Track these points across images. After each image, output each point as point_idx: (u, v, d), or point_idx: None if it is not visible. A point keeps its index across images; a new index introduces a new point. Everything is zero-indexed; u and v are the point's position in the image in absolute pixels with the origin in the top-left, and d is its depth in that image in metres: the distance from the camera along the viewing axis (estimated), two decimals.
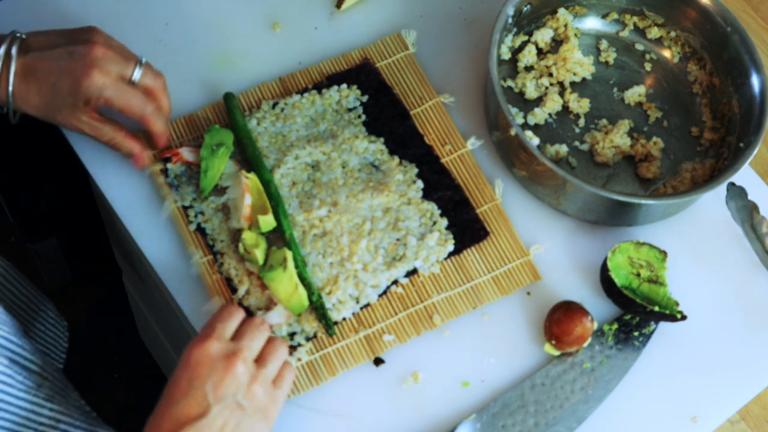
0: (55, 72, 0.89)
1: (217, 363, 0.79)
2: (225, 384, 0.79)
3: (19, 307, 1.07)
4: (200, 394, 0.78)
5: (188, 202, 0.96)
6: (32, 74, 0.89)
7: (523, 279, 0.99)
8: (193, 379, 0.78)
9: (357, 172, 1.00)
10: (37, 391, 0.89)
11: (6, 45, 0.88)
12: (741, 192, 1.03)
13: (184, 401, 0.78)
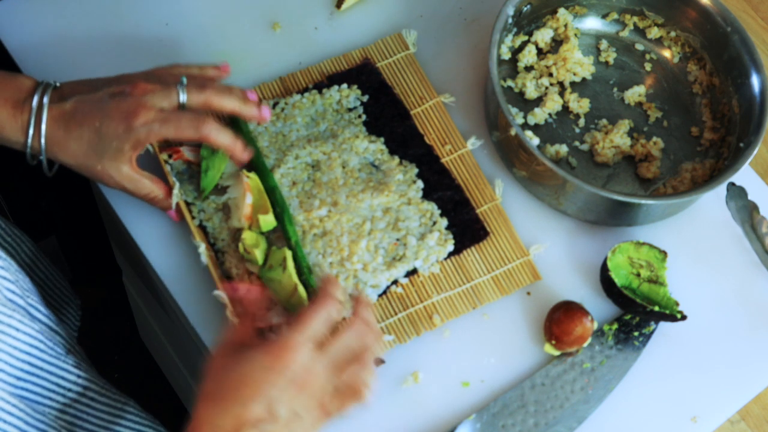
0: (98, 116, 0.86)
1: (300, 376, 0.76)
2: (301, 403, 0.76)
3: (40, 278, 1.08)
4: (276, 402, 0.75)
5: (191, 198, 0.96)
6: (72, 119, 0.86)
7: (523, 279, 0.99)
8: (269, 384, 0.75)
9: (357, 171, 1.00)
10: (66, 357, 0.90)
11: (39, 94, 0.86)
12: (741, 192, 1.03)
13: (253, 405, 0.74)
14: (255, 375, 0.75)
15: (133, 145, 0.87)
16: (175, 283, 0.95)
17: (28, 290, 0.91)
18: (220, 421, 0.75)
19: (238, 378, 0.76)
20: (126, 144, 0.87)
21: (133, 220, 0.97)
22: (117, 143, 0.86)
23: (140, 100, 0.86)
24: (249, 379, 0.75)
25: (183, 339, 1.22)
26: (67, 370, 0.90)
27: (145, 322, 1.54)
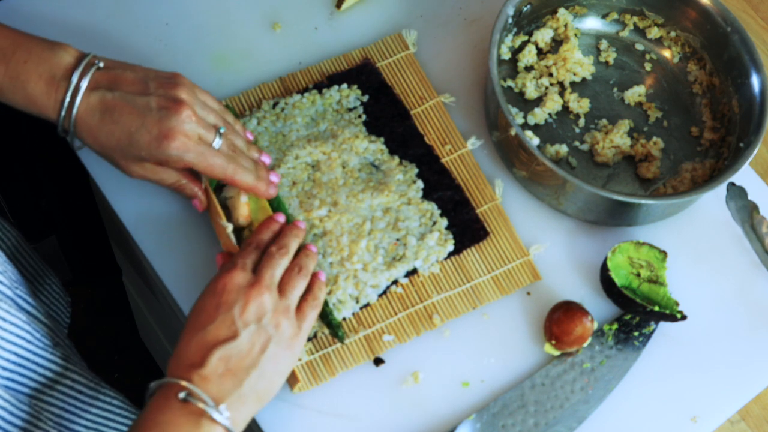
0: (137, 123, 0.85)
1: (242, 290, 0.82)
2: (251, 309, 0.81)
3: (29, 273, 1.08)
4: (229, 319, 0.80)
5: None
6: (110, 115, 0.85)
7: (523, 279, 0.99)
8: (220, 305, 0.81)
9: (357, 172, 1.00)
10: (54, 349, 0.90)
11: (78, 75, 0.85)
12: (741, 192, 1.03)
13: (213, 326, 0.80)
14: (204, 304, 0.81)
15: (159, 161, 0.87)
16: (175, 283, 0.95)
17: (17, 281, 0.91)
18: (186, 354, 0.79)
19: (193, 314, 0.82)
20: (152, 158, 0.87)
21: (133, 220, 0.97)
22: (145, 153, 0.86)
23: (182, 125, 0.86)
24: (200, 310, 0.81)
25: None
26: (55, 362, 0.90)
27: (145, 322, 1.54)
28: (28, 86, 0.85)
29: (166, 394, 0.77)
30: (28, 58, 0.85)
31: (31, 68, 0.85)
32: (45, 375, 0.90)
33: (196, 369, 0.78)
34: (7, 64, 0.84)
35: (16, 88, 0.85)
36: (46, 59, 0.85)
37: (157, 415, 0.76)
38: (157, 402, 0.77)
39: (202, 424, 0.76)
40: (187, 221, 0.97)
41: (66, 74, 0.85)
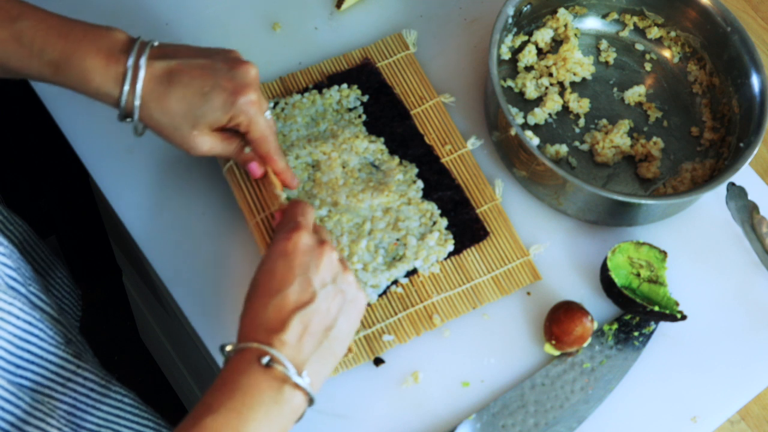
0: (209, 82, 0.85)
1: (313, 250, 0.81)
2: (325, 270, 0.81)
3: (41, 266, 1.08)
4: (305, 281, 0.79)
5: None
6: (179, 78, 0.85)
7: (523, 279, 0.99)
8: (294, 267, 0.79)
9: (357, 171, 1.00)
10: (66, 347, 0.90)
11: (137, 49, 0.84)
12: (741, 192, 1.03)
13: (290, 289, 0.78)
14: (276, 266, 0.80)
15: (232, 117, 0.87)
16: (175, 283, 0.95)
17: (30, 278, 0.91)
18: (264, 319, 0.78)
19: (263, 277, 0.80)
20: (226, 116, 0.86)
21: (133, 220, 0.97)
22: (220, 113, 0.86)
23: (254, 81, 0.87)
24: (272, 272, 0.79)
25: (183, 339, 1.22)
26: (68, 360, 0.90)
27: (145, 322, 1.54)
28: (86, 61, 0.83)
29: (248, 358, 0.76)
30: (84, 36, 0.84)
31: (89, 44, 0.84)
32: (58, 373, 0.89)
33: (277, 334, 0.77)
34: (65, 39, 0.83)
35: (74, 63, 0.83)
36: (103, 36, 0.85)
37: (239, 378, 0.75)
38: (238, 365, 0.76)
39: (283, 390, 0.76)
40: (188, 221, 0.97)
41: (124, 48, 0.85)
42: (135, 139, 1.00)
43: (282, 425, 0.77)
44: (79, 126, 1.00)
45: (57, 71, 0.84)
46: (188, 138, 0.87)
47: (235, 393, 0.75)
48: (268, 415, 0.75)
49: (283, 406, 0.76)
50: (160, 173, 0.99)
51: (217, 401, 0.75)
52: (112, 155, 0.99)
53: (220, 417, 0.74)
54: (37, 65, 0.84)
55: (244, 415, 0.74)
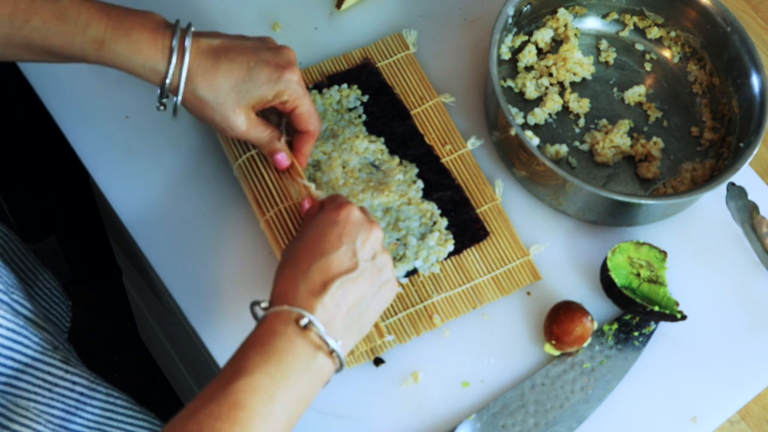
0: (253, 58, 0.87)
1: (362, 224, 0.82)
2: (370, 245, 0.82)
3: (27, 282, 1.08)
4: (351, 250, 0.80)
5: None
6: (223, 54, 0.86)
7: (523, 279, 0.99)
8: (343, 235, 0.80)
9: (357, 171, 1.00)
10: (53, 353, 0.90)
11: (179, 28, 0.85)
12: (741, 192, 1.03)
13: (336, 254, 0.79)
14: (325, 231, 0.80)
15: (276, 94, 0.88)
16: (175, 283, 0.95)
17: (13, 286, 0.91)
18: (306, 279, 0.78)
19: (312, 239, 0.80)
20: (272, 92, 0.88)
21: (133, 220, 0.97)
22: (265, 88, 0.87)
23: (295, 60, 0.89)
24: (320, 236, 0.80)
25: (183, 339, 1.22)
26: (54, 365, 0.90)
27: (145, 322, 1.54)
28: (133, 33, 0.84)
29: (285, 318, 0.76)
30: (126, 14, 0.85)
31: (133, 20, 0.84)
32: (44, 378, 0.89)
33: (317, 297, 0.77)
34: (108, 16, 0.84)
35: (120, 36, 0.83)
36: (144, 14, 0.86)
37: (275, 341, 0.75)
38: (273, 326, 0.76)
39: (317, 357, 0.76)
40: (188, 221, 0.97)
41: (167, 25, 0.86)
42: (135, 139, 1.00)
43: (310, 392, 0.77)
44: (79, 126, 1.00)
45: (101, 47, 0.84)
46: (229, 115, 0.87)
47: (270, 356, 0.74)
48: (299, 381, 0.75)
49: (314, 373, 0.76)
50: (160, 173, 0.99)
51: (250, 363, 0.74)
52: (112, 155, 0.99)
53: (254, 380, 0.73)
54: (80, 42, 0.84)
55: (278, 380, 0.74)
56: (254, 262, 0.96)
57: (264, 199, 0.93)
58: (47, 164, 1.46)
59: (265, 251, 0.97)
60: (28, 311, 0.90)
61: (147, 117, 1.01)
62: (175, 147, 1.00)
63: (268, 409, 0.72)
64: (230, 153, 0.96)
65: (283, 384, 0.74)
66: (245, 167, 0.94)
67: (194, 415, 0.71)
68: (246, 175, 0.94)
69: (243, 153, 0.95)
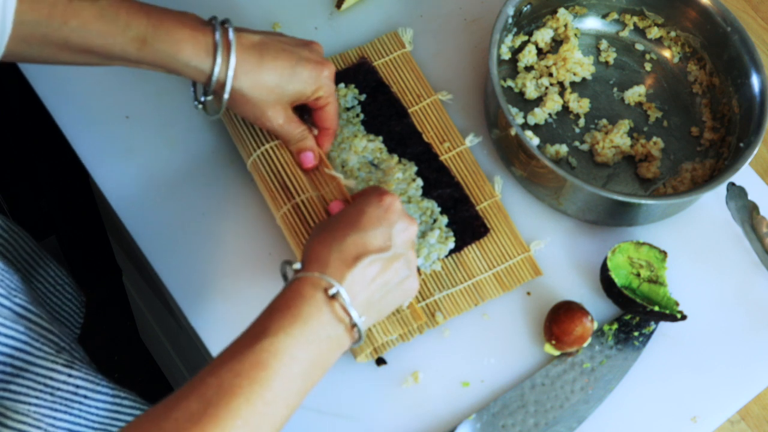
0: (294, 56, 0.89)
1: (403, 216, 0.83)
2: (406, 236, 0.83)
3: (37, 279, 1.07)
4: (387, 233, 0.81)
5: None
6: (266, 51, 0.87)
7: (524, 275, 0.98)
8: (383, 218, 0.81)
9: (356, 171, 1.00)
10: (56, 357, 0.90)
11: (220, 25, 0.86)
12: (741, 192, 1.03)
13: (373, 232, 0.80)
14: (367, 209, 0.82)
15: (315, 91, 0.90)
16: (175, 283, 0.95)
17: (16, 288, 0.90)
18: (340, 248, 0.79)
19: (352, 214, 0.82)
20: (311, 88, 0.90)
21: (133, 220, 0.97)
22: (306, 86, 0.89)
23: (328, 61, 0.92)
24: (362, 212, 0.82)
25: (183, 339, 1.22)
26: (56, 370, 0.89)
27: (145, 322, 1.54)
28: (174, 32, 0.84)
29: (315, 284, 0.77)
30: (164, 13, 0.85)
31: (173, 18, 0.85)
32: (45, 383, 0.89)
33: (349, 268, 0.78)
34: (148, 15, 0.84)
35: (162, 35, 0.84)
36: (182, 13, 0.86)
37: (302, 305, 0.76)
38: (302, 290, 0.77)
39: (339, 327, 0.77)
40: (188, 221, 0.97)
41: (205, 23, 0.86)
42: (135, 139, 1.00)
43: (328, 360, 0.77)
44: (79, 126, 1.00)
45: (143, 46, 0.84)
46: (268, 110, 0.89)
47: (296, 319, 0.75)
48: (320, 347, 0.76)
49: (334, 342, 0.77)
50: (160, 173, 0.99)
51: (275, 324, 0.74)
52: (112, 155, 0.99)
53: (277, 341, 0.73)
54: (121, 42, 0.84)
55: (301, 344, 0.74)
56: (254, 262, 0.96)
57: (280, 192, 0.93)
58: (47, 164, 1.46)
59: (265, 252, 0.97)
60: (32, 314, 0.90)
61: (147, 117, 1.01)
62: (175, 147, 1.00)
63: (287, 371, 0.73)
64: (244, 148, 0.96)
65: (305, 348, 0.74)
66: (260, 161, 0.95)
67: (216, 370, 0.72)
68: (261, 169, 0.94)
69: (257, 147, 0.95)
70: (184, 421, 0.68)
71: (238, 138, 0.97)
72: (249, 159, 0.96)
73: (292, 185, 0.93)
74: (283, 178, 0.94)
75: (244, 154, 0.97)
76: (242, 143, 0.96)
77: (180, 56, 0.85)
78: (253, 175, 0.96)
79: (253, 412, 0.71)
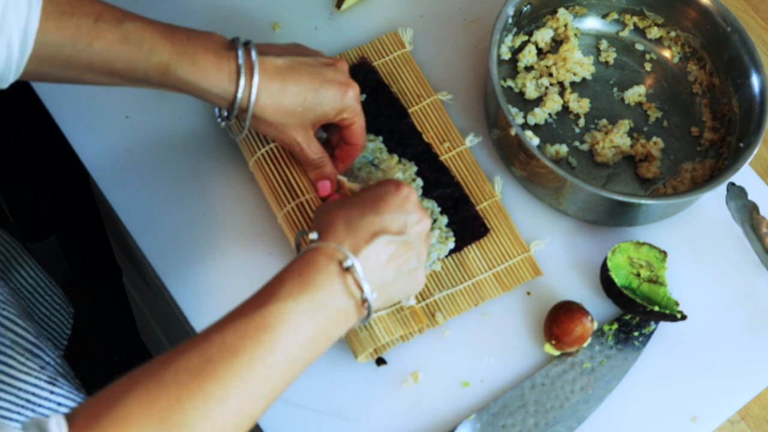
0: (318, 79, 0.88)
1: (418, 209, 0.84)
2: (420, 227, 0.83)
3: (26, 289, 1.07)
4: (402, 219, 0.82)
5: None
6: (291, 75, 0.87)
7: (524, 275, 0.98)
8: (400, 205, 0.82)
9: (356, 171, 1.00)
10: (39, 373, 0.89)
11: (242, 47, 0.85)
12: (741, 192, 1.03)
13: (389, 216, 0.81)
14: (386, 194, 0.83)
15: (340, 111, 0.90)
16: (175, 283, 0.95)
17: (5, 302, 0.90)
18: (356, 225, 0.79)
19: (369, 197, 0.82)
20: (335, 110, 0.90)
21: (133, 219, 0.97)
22: (329, 108, 0.89)
23: (352, 80, 0.91)
24: (381, 196, 0.82)
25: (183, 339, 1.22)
26: (39, 386, 0.89)
27: (145, 322, 1.54)
28: (197, 58, 0.84)
29: (329, 255, 0.77)
30: (189, 37, 0.85)
31: (196, 44, 0.84)
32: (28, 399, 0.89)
33: (366, 243, 0.78)
34: (172, 41, 0.84)
35: (185, 62, 0.83)
36: (206, 37, 0.86)
37: (315, 274, 0.76)
38: (316, 260, 0.76)
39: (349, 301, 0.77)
40: (188, 221, 0.97)
41: (228, 46, 0.85)
42: (135, 139, 1.00)
43: (334, 333, 0.77)
44: (79, 126, 1.00)
45: (166, 72, 0.84)
46: (289, 132, 0.89)
47: (306, 287, 0.75)
48: (328, 318, 0.76)
49: (342, 315, 0.77)
50: (160, 173, 0.99)
51: (285, 290, 0.74)
52: (112, 155, 0.99)
53: (285, 307, 0.73)
54: (144, 67, 0.83)
55: (308, 312, 0.74)
56: (254, 263, 0.96)
57: (283, 192, 0.93)
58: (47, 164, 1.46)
59: (265, 252, 0.97)
60: (19, 327, 0.90)
61: (147, 117, 1.01)
62: (176, 147, 1.00)
63: (292, 338, 0.73)
64: (246, 148, 0.96)
65: (312, 318, 0.74)
66: (263, 161, 0.95)
67: (221, 328, 0.71)
68: (264, 169, 0.95)
69: (260, 147, 0.95)
70: (183, 373, 0.68)
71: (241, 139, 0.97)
72: (251, 158, 0.96)
73: (294, 185, 0.93)
74: (286, 177, 0.94)
75: (246, 154, 0.97)
76: (245, 142, 0.96)
77: (203, 83, 0.85)
78: (255, 175, 0.96)
79: (253, 374, 0.70)
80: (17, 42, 0.78)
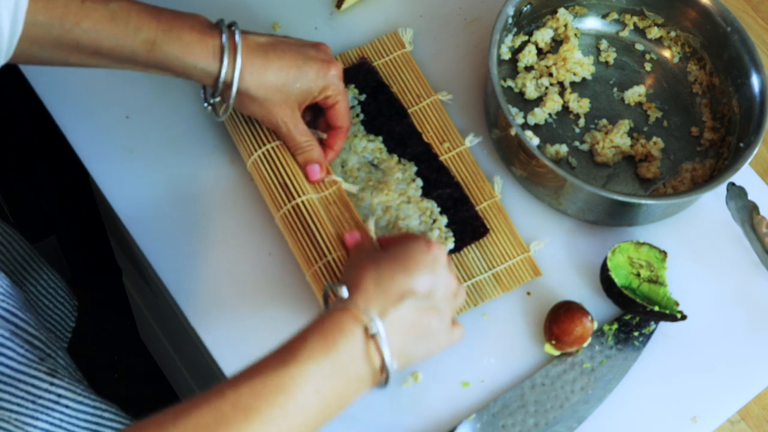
0: (300, 56, 0.89)
1: (449, 272, 0.83)
2: (448, 291, 0.82)
3: (30, 282, 1.07)
4: (430, 280, 0.80)
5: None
6: (272, 51, 0.88)
7: (523, 275, 0.98)
8: (430, 266, 0.80)
9: (356, 171, 1.00)
10: (39, 365, 0.89)
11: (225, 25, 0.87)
12: (741, 192, 1.03)
13: (419, 277, 0.79)
14: (417, 253, 0.81)
15: (322, 90, 0.91)
16: (175, 283, 0.95)
17: (5, 294, 0.90)
18: (386, 284, 0.78)
19: (400, 254, 0.81)
20: (319, 87, 0.91)
21: (133, 219, 0.97)
22: (313, 85, 0.90)
23: (331, 58, 0.92)
24: (412, 254, 0.81)
25: (183, 339, 1.22)
26: (39, 378, 0.89)
27: (145, 322, 1.54)
28: (183, 35, 0.85)
29: (356, 318, 0.75)
30: (175, 16, 0.86)
31: (182, 22, 0.86)
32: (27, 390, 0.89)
33: (393, 305, 0.77)
34: (158, 19, 0.85)
35: (171, 38, 0.85)
36: (191, 17, 0.87)
37: (340, 337, 0.74)
38: (343, 322, 0.74)
39: (367, 368, 0.75)
40: (188, 221, 0.97)
41: (213, 26, 0.87)
42: (135, 139, 1.00)
43: (349, 398, 0.76)
44: (79, 126, 1.00)
45: (153, 48, 0.85)
46: (275, 110, 0.90)
47: (329, 352, 0.73)
48: (347, 385, 0.74)
49: (359, 383, 0.76)
50: (160, 173, 0.99)
51: (306, 352, 0.72)
52: (112, 155, 0.99)
53: (306, 370, 0.71)
54: (131, 44, 0.85)
55: (327, 377, 0.72)
56: (254, 263, 0.96)
57: (280, 193, 0.93)
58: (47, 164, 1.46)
59: (265, 251, 0.97)
60: (19, 320, 0.90)
61: (147, 117, 1.01)
62: (176, 147, 1.00)
63: (308, 403, 0.71)
64: (244, 148, 0.96)
65: (330, 383, 0.73)
66: (260, 162, 0.95)
67: (236, 385, 0.70)
68: (261, 169, 0.95)
69: (258, 148, 0.95)
70: (194, 431, 0.67)
71: (239, 138, 0.97)
72: (249, 159, 0.96)
73: (291, 186, 0.93)
74: (283, 179, 0.94)
75: (244, 154, 0.97)
76: (243, 143, 0.97)
77: (188, 59, 0.86)
78: (253, 175, 0.96)
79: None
80: (8, 23, 0.79)
